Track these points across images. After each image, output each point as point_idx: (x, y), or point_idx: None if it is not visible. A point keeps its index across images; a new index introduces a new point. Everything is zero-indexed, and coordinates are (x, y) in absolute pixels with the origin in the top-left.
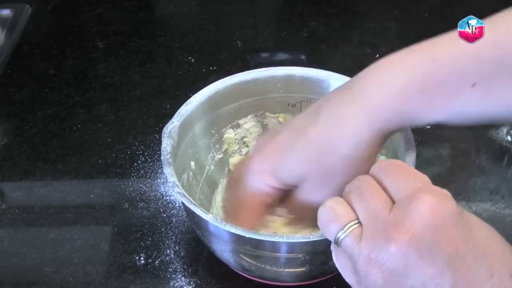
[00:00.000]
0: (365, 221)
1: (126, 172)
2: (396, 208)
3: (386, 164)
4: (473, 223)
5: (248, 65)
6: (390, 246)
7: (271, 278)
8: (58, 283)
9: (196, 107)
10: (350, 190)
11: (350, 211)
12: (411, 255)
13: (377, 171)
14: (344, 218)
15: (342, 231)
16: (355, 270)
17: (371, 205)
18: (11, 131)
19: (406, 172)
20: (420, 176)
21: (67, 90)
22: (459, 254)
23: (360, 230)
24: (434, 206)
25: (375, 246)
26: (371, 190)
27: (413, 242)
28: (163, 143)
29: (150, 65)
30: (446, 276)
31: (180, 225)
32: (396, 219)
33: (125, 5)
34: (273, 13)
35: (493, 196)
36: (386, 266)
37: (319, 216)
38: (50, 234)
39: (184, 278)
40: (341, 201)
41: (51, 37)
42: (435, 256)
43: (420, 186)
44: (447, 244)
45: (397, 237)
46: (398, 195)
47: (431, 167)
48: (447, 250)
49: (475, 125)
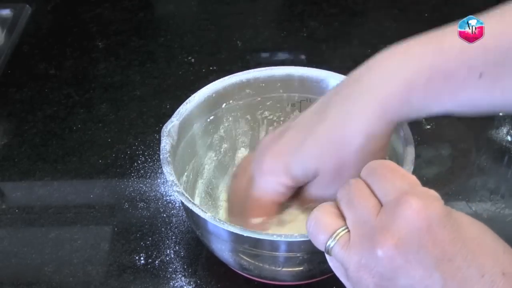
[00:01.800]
0: (354, 227)
1: (126, 172)
2: (383, 212)
3: (374, 166)
4: (462, 222)
5: (248, 65)
6: (377, 251)
7: (270, 278)
8: (58, 283)
9: (195, 106)
10: (341, 197)
11: (336, 218)
12: (398, 258)
13: (366, 174)
14: (330, 226)
15: (330, 240)
16: (347, 277)
17: (359, 211)
18: (11, 131)
19: (393, 175)
20: (408, 177)
21: (67, 90)
22: (447, 255)
23: (347, 236)
24: (420, 208)
25: (363, 252)
26: (359, 196)
27: (400, 246)
28: (162, 142)
29: (150, 65)
30: (435, 278)
31: (180, 225)
32: (382, 223)
33: (125, 5)
34: (273, 13)
35: (493, 196)
36: (375, 270)
37: (307, 226)
38: (50, 234)
39: (184, 278)
40: (327, 209)
41: (51, 37)
42: (422, 258)
43: (407, 189)
44: (433, 246)
45: (383, 241)
46: (385, 198)
47: (431, 167)
48: (434, 252)
49: (481, 115)
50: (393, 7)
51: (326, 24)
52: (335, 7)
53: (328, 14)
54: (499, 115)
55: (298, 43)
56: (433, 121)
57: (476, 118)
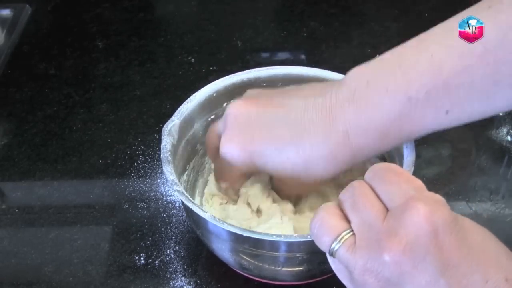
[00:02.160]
0: (359, 230)
1: (126, 172)
2: (389, 217)
3: (379, 169)
4: (468, 229)
5: (248, 65)
6: (384, 256)
7: (270, 277)
8: (58, 283)
9: (196, 106)
10: (345, 199)
11: (341, 220)
12: (405, 264)
13: (371, 177)
14: (335, 229)
15: (335, 242)
16: (352, 280)
17: (365, 215)
18: (11, 131)
19: (399, 179)
20: (414, 181)
21: (67, 90)
22: (453, 262)
23: (353, 239)
24: (427, 214)
25: (370, 256)
26: (364, 199)
27: (407, 251)
28: (163, 141)
29: (150, 65)
30: (441, 284)
31: (180, 225)
32: (389, 228)
33: (125, 5)
34: (273, 13)
35: (493, 196)
36: (381, 275)
37: (311, 229)
38: (50, 234)
39: (184, 278)
40: (332, 211)
41: (51, 37)
42: (429, 264)
43: (413, 194)
44: (440, 252)
45: (390, 246)
46: (391, 203)
47: (431, 167)
48: (441, 258)
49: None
50: (393, 7)
51: (326, 24)
52: (335, 7)
53: (328, 14)
54: (499, 115)
55: (298, 43)
56: None
57: None
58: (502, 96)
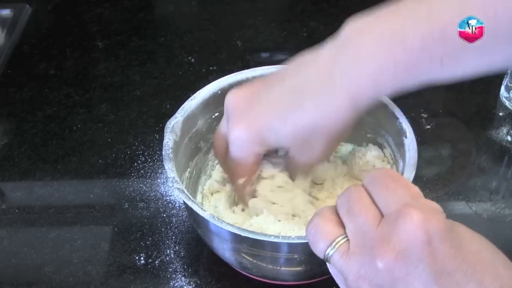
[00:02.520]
0: (353, 236)
1: (126, 172)
2: (383, 224)
3: (377, 175)
4: (464, 237)
5: (248, 65)
6: (377, 262)
7: (270, 277)
8: (58, 283)
9: (200, 103)
10: (341, 203)
11: (336, 226)
12: (398, 271)
13: (368, 183)
14: (330, 235)
15: (330, 248)
16: (347, 286)
17: (360, 221)
18: (11, 131)
19: (395, 185)
20: (411, 188)
21: (67, 90)
22: (447, 270)
23: (347, 245)
24: (421, 222)
25: (363, 263)
26: (359, 204)
27: (399, 259)
28: (165, 137)
29: (150, 65)
30: None
31: (180, 225)
32: (383, 235)
33: (125, 5)
34: (273, 13)
35: (493, 196)
36: (375, 282)
37: (306, 234)
38: (50, 234)
39: (184, 278)
40: (327, 216)
41: (51, 37)
42: (422, 272)
43: (409, 201)
44: (433, 260)
45: (383, 253)
46: (386, 209)
47: (431, 167)
48: (434, 266)
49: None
50: None
51: (326, 24)
52: (335, 7)
53: (328, 14)
54: (499, 115)
55: (298, 43)
56: (433, 121)
57: (476, 118)
58: (499, 50)
